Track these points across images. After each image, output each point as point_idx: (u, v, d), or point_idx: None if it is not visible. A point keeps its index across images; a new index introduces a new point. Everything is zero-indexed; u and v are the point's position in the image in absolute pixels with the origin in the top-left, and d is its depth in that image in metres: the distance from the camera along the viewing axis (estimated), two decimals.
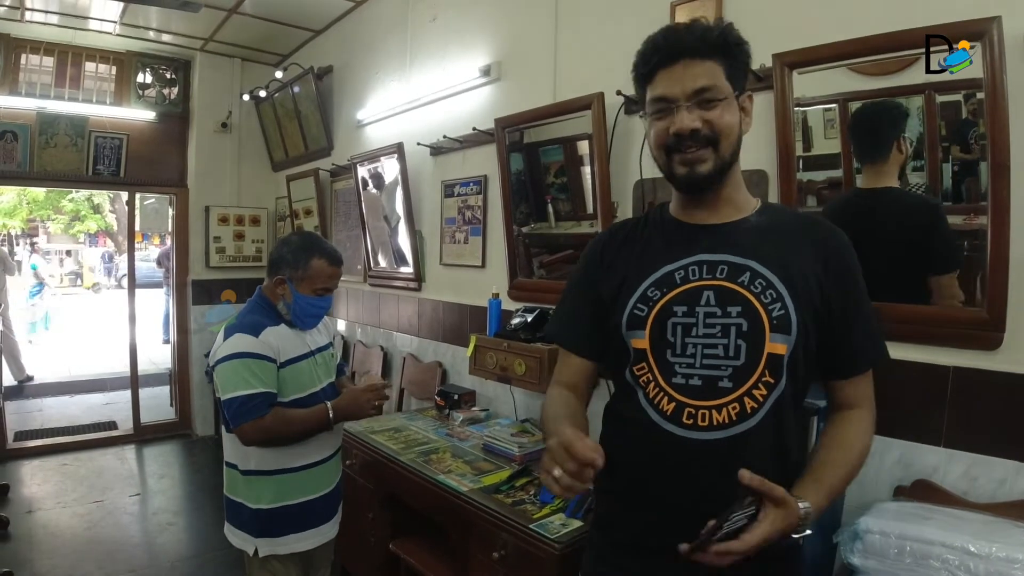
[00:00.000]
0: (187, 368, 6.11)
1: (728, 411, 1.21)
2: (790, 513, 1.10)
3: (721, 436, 1.20)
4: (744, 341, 1.21)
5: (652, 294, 1.30)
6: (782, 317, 1.20)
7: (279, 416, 2.08)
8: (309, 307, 2.23)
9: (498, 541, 2.17)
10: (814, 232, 1.30)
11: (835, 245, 1.28)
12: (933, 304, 1.83)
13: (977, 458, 1.76)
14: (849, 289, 1.26)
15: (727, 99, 1.23)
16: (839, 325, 1.25)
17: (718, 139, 1.24)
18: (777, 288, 1.22)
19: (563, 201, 2.99)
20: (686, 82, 1.22)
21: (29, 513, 4.29)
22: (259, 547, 2.16)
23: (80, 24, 5.13)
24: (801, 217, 1.38)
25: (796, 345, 1.21)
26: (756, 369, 1.21)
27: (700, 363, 1.24)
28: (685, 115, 1.22)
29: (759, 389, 1.20)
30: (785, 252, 1.26)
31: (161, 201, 6.56)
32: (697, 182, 1.28)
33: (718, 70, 1.22)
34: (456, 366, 3.72)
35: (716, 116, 1.23)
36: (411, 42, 4.04)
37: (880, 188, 1.92)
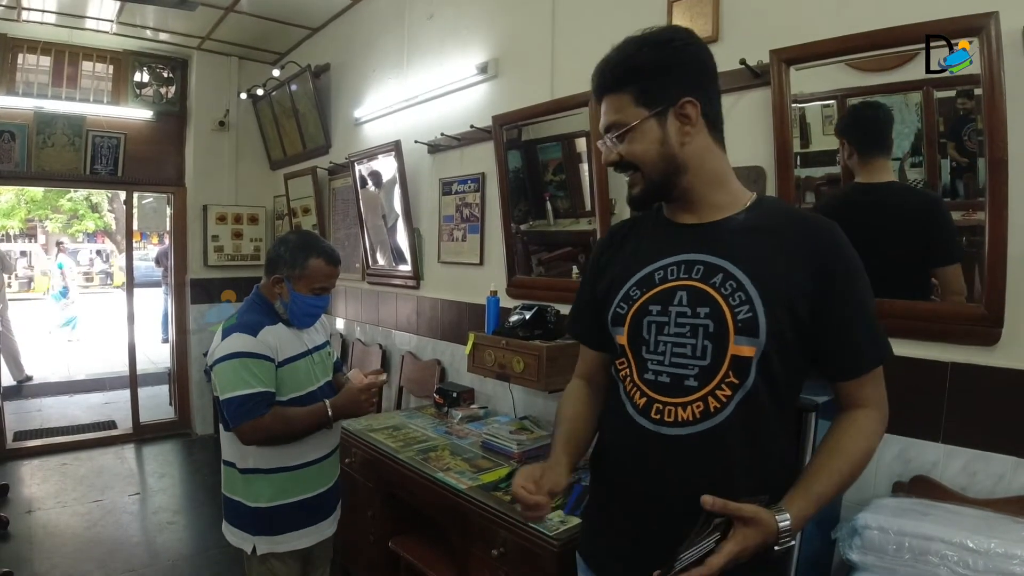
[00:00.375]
0: (186, 367, 6.11)
1: (692, 409, 1.23)
2: (763, 529, 1.12)
3: (686, 432, 1.24)
4: (710, 342, 1.23)
5: (633, 293, 1.35)
6: (748, 320, 1.20)
7: (278, 415, 2.08)
8: (307, 306, 2.22)
9: (497, 538, 2.17)
10: (804, 230, 1.26)
11: (827, 243, 1.24)
12: (937, 298, 1.84)
13: (976, 454, 1.76)
14: (844, 288, 1.22)
15: (637, 126, 1.27)
16: (832, 327, 1.22)
17: (637, 166, 1.30)
18: (747, 290, 1.21)
19: (561, 199, 2.99)
20: (602, 119, 1.33)
21: (29, 513, 4.29)
22: (257, 545, 2.16)
23: (77, 23, 5.12)
24: (794, 214, 1.34)
25: (767, 347, 1.20)
26: (720, 370, 1.22)
27: (669, 361, 1.27)
28: (605, 149, 1.35)
29: (723, 390, 1.22)
30: (765, 253, 1.24)
31: (159, 200, 6.54)
32: (634, 202, 1.37)
33: (626, 100, 1.27)
34: (455, 364, 3.72)
35: (624, 148, 1.30)
36: (408, 40, 4.03)
37: (881, 183, 1.91)
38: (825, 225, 1.28)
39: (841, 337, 1.23)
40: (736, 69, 2.15)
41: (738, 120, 2.24)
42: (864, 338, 1.23)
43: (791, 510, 1.14)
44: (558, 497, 1.49)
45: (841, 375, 1.27)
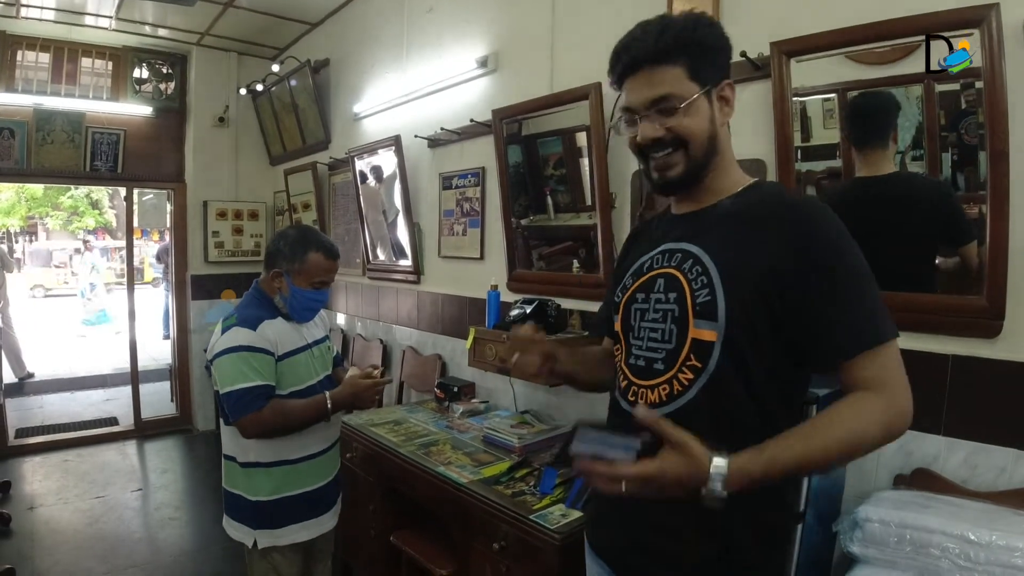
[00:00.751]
0: (187, 363, 6.12)
1: (659, 391, 1.26)
2: (690, 462, 1.05)
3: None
4: (675, 326, 1.25)
5: (627, 282, 1.39)
6: (706, 304, 1.20)
7: (277, 408, 2.09)
8: (306, 300, 2.23)
9: (498, 532, 2.18)
10: (783, 212, 1.21)
11: (803, 223, 1.18)
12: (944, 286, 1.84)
13: (977, 446, 1.76)
14: (824, 267, 1.14)
15: (689, 102, 1.22)
16: (814, 307, 1.14)
17: (685, 142, 1.24)
18: (709, 274, 1.21)
19: (562, 193, 2.99)
20: (645, 92, 1.24)
21: (31, 509, 4.30)
22: (258, 539, 2.16)
23: (76, 20, 5.11)
24: (780, 198, 1.28)
25: (730, 332, 1.17)
26: (681, 353, 1.23)
27: (646, 346, 1.30)
28: (646, 125, 1.25)
29: (684, 373, 1.23)
30: (737, 237, 1.22)
31: (159, 196, 6.54)
32: (670, 186, 1.31)
33: (679, 73, 1.21)
34: (455, 358, 3.72)
35: (676, 123, 1.23)
36: (408, 34, 4.02)
37: (884, 175, 1.91)
38: (807, 205, 1.26)
39: (825, 318, 1.15)
40: (736, 61, 2.12)
41: (738, 113, 2.18)
42: (855, 316, 1.14)
43: (732, 459, 1.05)
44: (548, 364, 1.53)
45: (829, 359, 1.17)
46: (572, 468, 1.14)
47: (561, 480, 2.31)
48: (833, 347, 1.15)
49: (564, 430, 2.77)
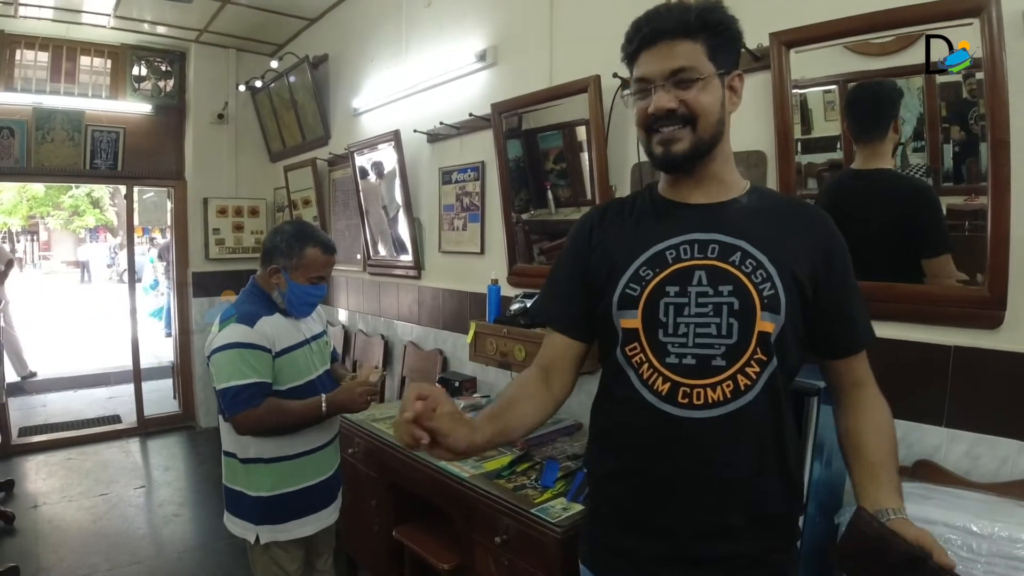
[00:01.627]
0: (190, 360, 6.12)
1: (723, 389, 1.21)
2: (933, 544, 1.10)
3: (717, 414, 1.21)
4: (736, 319, 1.22)
5: (644, 273, 1.29)
6: (772, 297, 1.21)
7: (273, 406, 2.09)
8: (304, 295, 2.23)
9: (500, 526, 2.18)
10: (804, 216, 1.32)
11: (826, 229, 1.30)
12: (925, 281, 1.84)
13: (979, 437, 1.75)
14: (843, 271, 1.28)
15: (706, 79, 1.22)
16: (834, 306, 1.28)
17: (695, 119, 1.24)
18: (767, 268, 1.22)
19: (563, 187, 2.98)
20: (664, 63, 1.23)
21: (35, 508, 4.31)
22: (260, 534, 2.17)
23: (74, 18, 5.11)
24: (790, 201, 1.40)
25: (784, 325, 1.22)
26: (748, 347, 1.21)
27: (693, 342, 1.23)
28: (662, 95, 1.23)
29: (752, 367, 1.21)
30: (775, 234, 1.26)
31: (160, 194, 6.53)
32: (673, 161, 1.28)
33: (698, 50, 1.22)
34: (457, 353, 3.72)
35: (691, 96, 1.23)
36: (406, 28, 4.02)
37: (874, 169, 1.91)
38: (820, 211, 1.36)
39: (842, 315, 1.28)
40: None
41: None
42: (860, 317, 1.30)
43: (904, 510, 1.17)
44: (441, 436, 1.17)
45: (842, 351, 1.31)
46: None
47: (563, 474, 2.31)
48: (852, 341, 1.31)
49: (565, 424, 2.77)
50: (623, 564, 1.34)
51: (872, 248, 1.87)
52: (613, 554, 1.36)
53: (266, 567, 2.22)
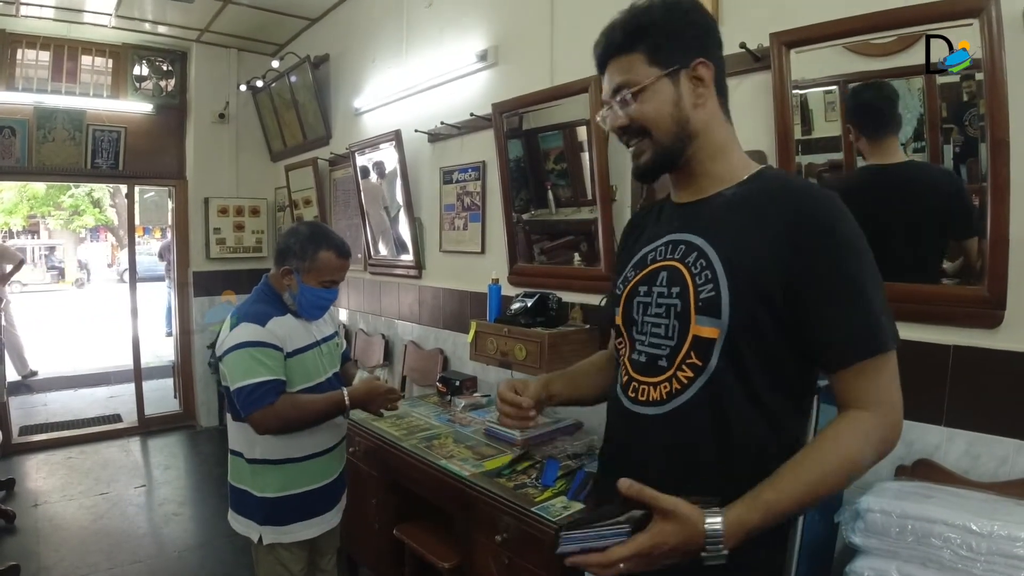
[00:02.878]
0: (190, 360, 6.12)
1: (660, 389, 1.22)
2: (684, 528, 1.01)
3: (655, 412, 1.23)
4: (677, 321, 1.20)
5: (629, 275, 1.34)
6: (710, 300, 1.14)
7: (289, 401, 2.08)
8: (315, 299, 2.22)
9: (500, 524, 2.18)
10: (788, 202, 1.14)
11: (807, 215, 1.11)
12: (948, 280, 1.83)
13: (978, 437, 1.76)
14: (825, 264, 1.09)
15: (646, 87, 1.20)
16: (813, 307, 1.09)
17: (647, 129, 1.23)
18: (714, 268, 1.15)
19: (563, 187, 2.99)
20: (607, 84, 1.28)
21: (35, 506, 4.31)
22: (263, 535, 2.17)
23: (75, 17, 5.12)
24: (786, 185, 1.20)
25: (732, 329, 1.12)
26: (682, 350, 1.19)
27: (648, 341, 1.26)
28: (610, 114, 1.28)
29: (683, 371, 1.19)
30: (741, 229, 1.16)
31: (160, 194, 6.54)
32: (643, 173, 1.29)
33: (636, 59, 1.22)
34: (457, 352, 3.73)
35: (634, 110, 1.23)
36: (407, 28, 4.02)
37: (896, 163, 1.89)
38: (814, 193, 1.16)
39: (823, 321, 1.10)
40: (736, 53, 2.14)
41: (738, 105, 2.19)
42: (854, 322, 1.08)
43: (727, 514, 1.02)
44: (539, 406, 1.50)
45: (828, 364, 1.13)
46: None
47: (563, 473, 2.32)
48: (834, 353, 1.11)
49: (565, 423, 2.78)
50: None
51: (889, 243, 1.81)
52: None
53: (270, 567, 2.22)
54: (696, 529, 1.00)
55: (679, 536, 1.01)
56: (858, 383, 1.10)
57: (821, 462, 1.07)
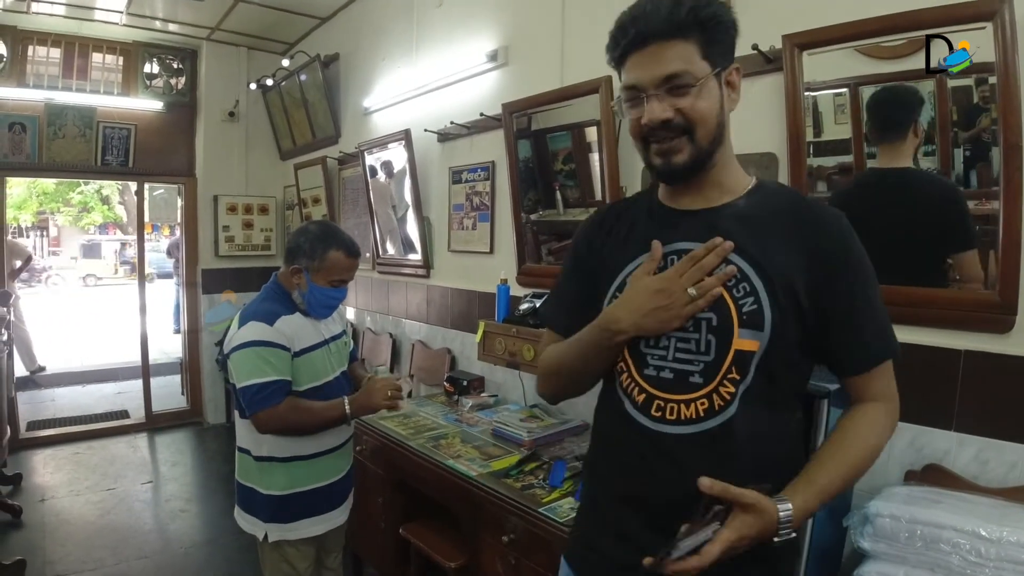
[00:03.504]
0: (198, 357, 6.14)
1: (696, 406, 1.17)
2: (763, 517, 1.05)
3: (691, 431, 1.17)
4: (713, 336, 1.16)
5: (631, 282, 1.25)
6: (753, 312, 1.14)
7: (293, 405, 2.08)
8: (324, 298, 2.22)
9: (508, 525, 2.18)
10: (807, 219, 1.18)
11: (830, 234, 1.16)
12: (954, 284, 1.82)
13: (988, 442, 1.75)
14: (848, 281, 1.15)
15: (702, 82, 1.13)
16: (835, 320, 1.16)
17: (693, 128, 1.15)
18: (752, 282, 1.15)
19: (571, 188, 2.98)
20: (655, 69, 1.14)
21: (42, 501, 4.33)
22: (269, 532, 2.17)
23: (86, 15, 5.14)
24: (797, 201, 1.25)
25: (771, 342, 1.14)
26: (723, 365, 1.15)
27: (673, 356, 1.19)
28: (655, 105, 1.15)
29: (726, 386, 1.15)
30: (767, 242, 1.17)
31: (170, 191, 6.56)
32: (675, 173, 1.21)
33: (691, 50, 1.13)
34: (465, 352, 3.73)
35: (688, 104, 1.14)
36: (417, 28, 4.02)
37: (898, 168, 1.90)
38: (830, 213, 1.21)
39: (846, 331, 1.17)
40: (748, 54, 2.14)
41: (750, 106, 2.22)
42: (871, 332, 1.17)
43: (794, 500, 1.08)
44: None
45: (848, 370, 1.21)
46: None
47: (570, 474, 2.31)
48: (856, 360, 1.20)
49: (573, 424, 2.78)
50: (600, 565, 1.32)
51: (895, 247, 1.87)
52: (593, 554, 1.35)
53: (276, 564, 2.22)
54: (772, 517, 1.06)
55: (758, 526, 1.05)
56: (873, 382, 1.20)
57: (858, 446, 1.17)
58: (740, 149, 2.22)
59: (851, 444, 1.17)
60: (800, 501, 1.09)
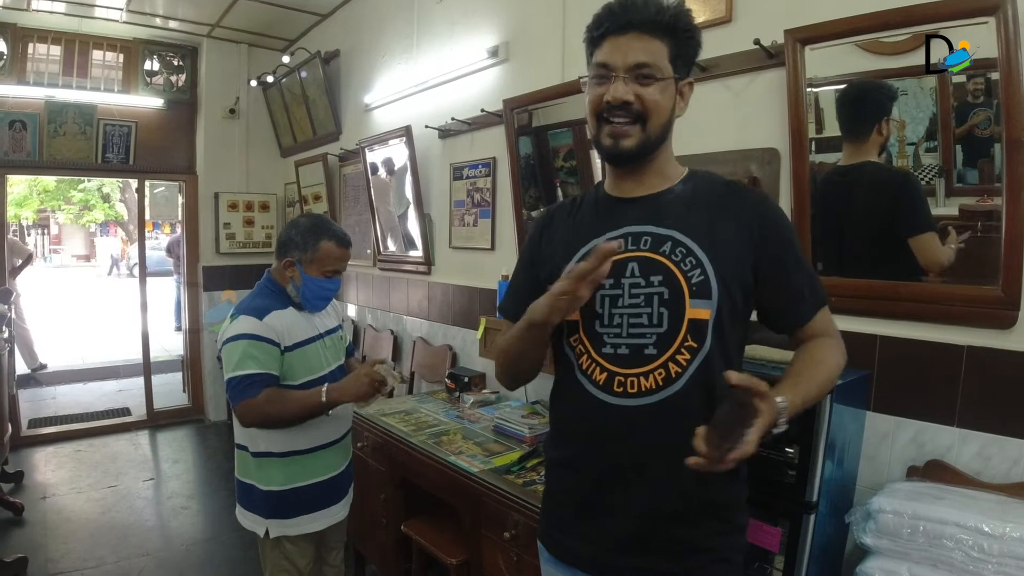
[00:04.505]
0: (199, 354, 6.15)
1: (655, 377, 1.25)
2: (772, 406, 1.11)
3: (650, 401, 1.25)
4: (666, 308, 1.26)
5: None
6: (701, 283, 1.24)
7: (271, 396, 2.05)
8: (318, 289, 2.22)
9: (509, 521, 2.18)
10: (740, 199, 1.33)
11: (763, 210, 1.32)
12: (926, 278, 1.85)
13: (991, 438, 1.74)
14: (781, 246, 1.30)
15: (664, 80, 1.27)
16: (777, 282, 1.30)
17: (647, 116, 1.27)
18: (697, 255, 1.26)
19: (572, 185, 2.98)
20: (629, 55, 1.26)
21: (43, 499, 4.33)
22: (270, 528, 2.17)
23: (86, 12, 5.14)
24: (726, 183, 1.39)
25: (720, 309, 1.25)
26: (678, 335, 1.25)
27: (627, 332, 1.28)
28: (620, 85, 1.26)
29: (682, 354, 1.25)
30: (709, 220, 1.30)
31: (171, 188, 6.56)
32: (620, 155, 1.32)
33: (662, 50, 1.26)
34: (466, 349, 3.73)
35: (648, 93, 1.26)
36: (418, 24, 4.02)
37: (856, 164, 1.96)
38: (757, 193, 1.41)
39: (786, 289, 1.31)
40: (750, 50, 2.14)
41: (752, 102, 2.22)
42: (807, 287, 1.32)
43: (786, 395, 1.15)
44: None
45: (793, 323, 1.35)
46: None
47: None
48: (803, 310, 1.33)
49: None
50: (574, 545, 1.39)
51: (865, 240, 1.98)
52: (565, 535, 1.41)
53: (276, 561, 2.22)
54: (776, 407, 1.12)
55: (772, 412, 1.11)
56: (818, 325, 1.34)
57: (827, 363, 1.30)
58: (742, 145, 2.25)
59: (820, 361, 1.29)
60: (791, 398, 1.16)
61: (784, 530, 1.72)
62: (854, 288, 1.93)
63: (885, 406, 1.91)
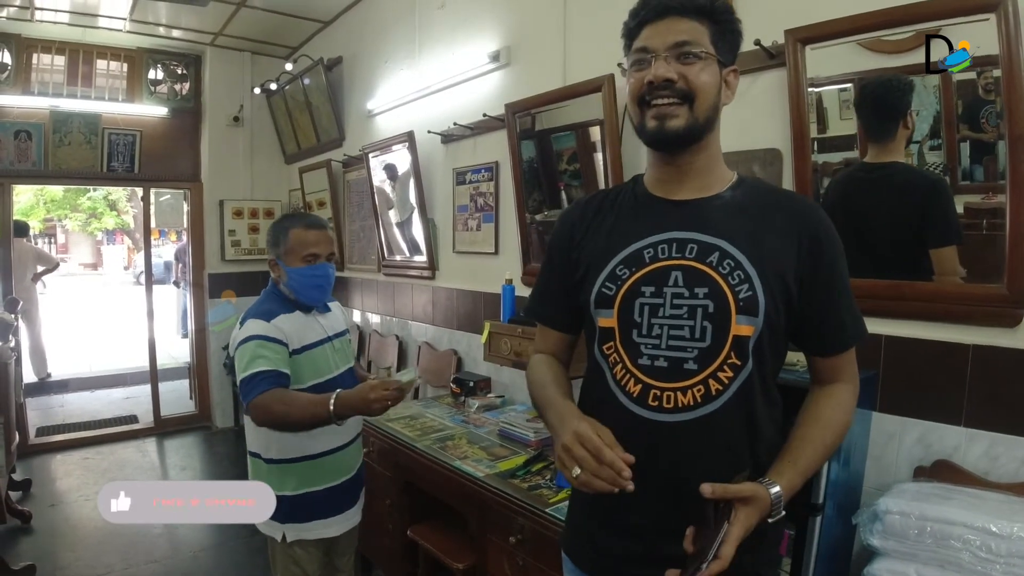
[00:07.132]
0: (206, 361, 6.15)
1: (693, 393, 1.19)
2: (760, 504, 1.11)
3: (687, 418, 1.19)
4: (709, 323, 1.19)
5: (620, 272, 1.27)
6: (749, 299, 1.18)
7: (278, 395, 2.02)
8: (303, 278, 2.20)
9: (515, 525, 2.18)
10: (791, 210, 1.25)
11: (813, 223, 1.23)
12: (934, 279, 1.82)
13: (998, 437, 1.73)
14: (830, 268, 1.23)
15: (707, 59, 1.20)
16: (820, 304, 1.23)
17: (693, 96, 1.20)
18: (745, 269, 1.19)
19: (576, 188, 2.98)
20: (668, 35, 1.21)
21: (52, 507, 4.35)
22: (287, 533, 2.18)
23: (90, 22, 5.16)
24: (778, 194, 1.35)
25: (763, 327, 1.19)
26: (722, 351, 1.18)
27: (666, 344, 1.21)
28: (662, 64, 1.20)
29: (724, 372, 1.18)
30: (757, 231, 1.22)
31: (176, 196, 6.59)
32: (667, 137, 1.23)
33: (702, 30, 1.21)
34: (471, 353, 3.73)
35: (692, 72, 1.19)
36: (420, 30, 4.02)
37: (887, 162, 1.90)
38: (812, 205, 1.33)
39: (828, 314, 1.24)
40: (751, 50, 2.13)
41: (753, 102, 2.21)
42: (848, 315, 1.26)
43: (780, 482, 1.14)
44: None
45: (825, 351, 1.28)
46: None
47: None
48: (834, 341, 1.27)
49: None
50: (599, 558, 1.34)
51: (882, 240, 1.92)
52: (590, 547, 1.36)
53: (286, 566, 2.23)
54: (767, 503, 1.11)
55: (757, 514, 1.10)
56: (843, 363, 1.29)
57: (833, 429, 1.25)
58: (744, 145, 2.23)
59: (826, 426, 1.24)
60: (786, 482, 1.14)
61: (791, 532, 1.71)
62: (859, 287, 1.90)
63: (891, 406, 1.90)
